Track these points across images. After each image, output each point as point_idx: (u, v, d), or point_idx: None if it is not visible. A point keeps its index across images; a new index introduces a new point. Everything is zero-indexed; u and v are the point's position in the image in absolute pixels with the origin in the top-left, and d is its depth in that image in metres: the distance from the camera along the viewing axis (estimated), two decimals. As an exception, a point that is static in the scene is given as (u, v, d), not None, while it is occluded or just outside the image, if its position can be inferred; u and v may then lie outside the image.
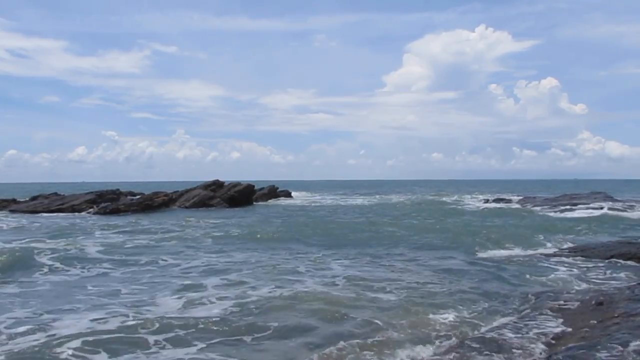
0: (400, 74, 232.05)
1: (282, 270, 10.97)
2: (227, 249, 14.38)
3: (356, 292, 8.78)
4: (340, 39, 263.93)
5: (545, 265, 11.53)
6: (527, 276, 10.17)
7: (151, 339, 6.40)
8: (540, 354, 5.64)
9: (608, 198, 33.65)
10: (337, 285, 9.46)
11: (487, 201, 39.35)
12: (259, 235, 17.51)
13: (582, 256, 12.33)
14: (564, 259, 12.15)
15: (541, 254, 13.03)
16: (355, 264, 11.91)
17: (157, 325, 6.82)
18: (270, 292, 8.75)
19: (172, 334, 6.56)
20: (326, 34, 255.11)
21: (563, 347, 5.65)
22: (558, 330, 6.50)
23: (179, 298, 8.45)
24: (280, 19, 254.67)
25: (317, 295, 8.36)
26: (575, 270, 10.79)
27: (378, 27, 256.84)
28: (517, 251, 13.99)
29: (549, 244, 15.12)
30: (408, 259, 12.62)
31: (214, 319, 7.10)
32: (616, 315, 7.07)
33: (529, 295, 8.53)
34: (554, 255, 12.88)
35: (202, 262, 12.10)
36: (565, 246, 14.55)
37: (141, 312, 7.55)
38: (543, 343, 5.96)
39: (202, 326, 6.83)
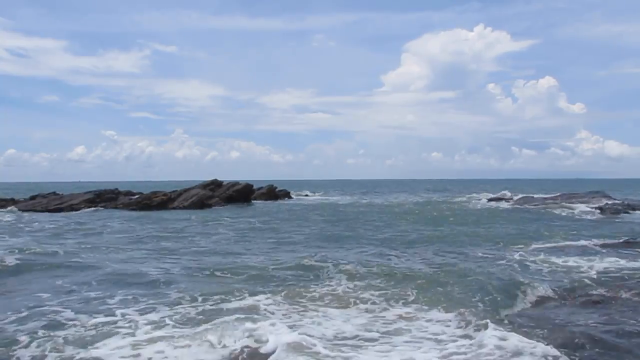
0: (398, 73, 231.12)
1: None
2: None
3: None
4: (339, 38, 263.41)
5: (547, 262, 11.56)
6: (526, 272, 10.20)
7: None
8: (541, 351, 5.66)
9: (606, 197, 33.70)
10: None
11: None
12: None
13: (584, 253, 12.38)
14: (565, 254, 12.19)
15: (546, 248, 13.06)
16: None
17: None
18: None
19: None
20: (324, 34, 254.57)
21: (563, 347, 5.70)
22: (556, 328, 6.53)
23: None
24: (278, 18, 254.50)
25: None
26: (575, 267, 10.81)
27: (376, 27, 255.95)
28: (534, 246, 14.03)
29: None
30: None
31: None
32: (612, 312, 7.16)
33: (529, 293, 8.56)
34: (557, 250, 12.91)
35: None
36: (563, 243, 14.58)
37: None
38: (543, 342, 5.98)
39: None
